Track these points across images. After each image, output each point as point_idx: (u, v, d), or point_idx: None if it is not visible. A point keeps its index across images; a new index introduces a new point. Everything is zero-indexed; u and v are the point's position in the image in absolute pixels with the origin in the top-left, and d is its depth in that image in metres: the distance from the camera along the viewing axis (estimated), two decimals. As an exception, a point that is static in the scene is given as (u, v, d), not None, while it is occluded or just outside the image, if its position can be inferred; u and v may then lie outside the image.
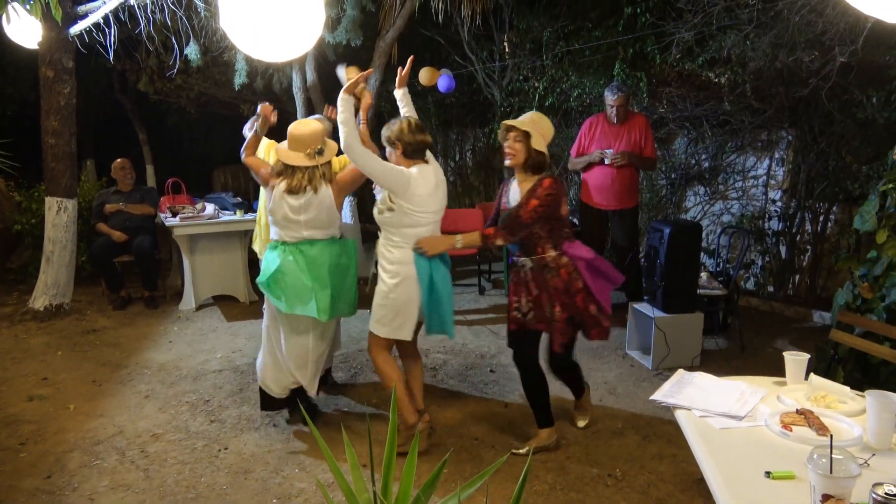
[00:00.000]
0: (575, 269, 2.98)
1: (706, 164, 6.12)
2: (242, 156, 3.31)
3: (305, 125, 3.14)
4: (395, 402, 1.45)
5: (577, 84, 6.23)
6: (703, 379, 2.08)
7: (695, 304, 4.26)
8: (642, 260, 4.47)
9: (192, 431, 3.39)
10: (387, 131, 3.01)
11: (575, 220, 5.76)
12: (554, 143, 7.17)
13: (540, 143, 2.90)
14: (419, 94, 8.65)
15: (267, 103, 3.45)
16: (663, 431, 3.34)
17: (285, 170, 3.12)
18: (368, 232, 7.83)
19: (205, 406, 3.70)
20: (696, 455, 1.66)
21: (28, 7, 3.02)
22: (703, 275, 4.58)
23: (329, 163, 3.18)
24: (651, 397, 1.99)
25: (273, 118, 3.44)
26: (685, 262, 4.16)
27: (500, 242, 2.97)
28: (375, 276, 3.19)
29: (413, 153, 2.97)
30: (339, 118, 2.86)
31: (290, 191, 3.08)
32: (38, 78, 5.33)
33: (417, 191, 2.90)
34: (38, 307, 5.33)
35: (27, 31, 4.89)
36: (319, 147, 3.09)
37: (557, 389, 3.45)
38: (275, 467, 3.03)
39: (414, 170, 2.94)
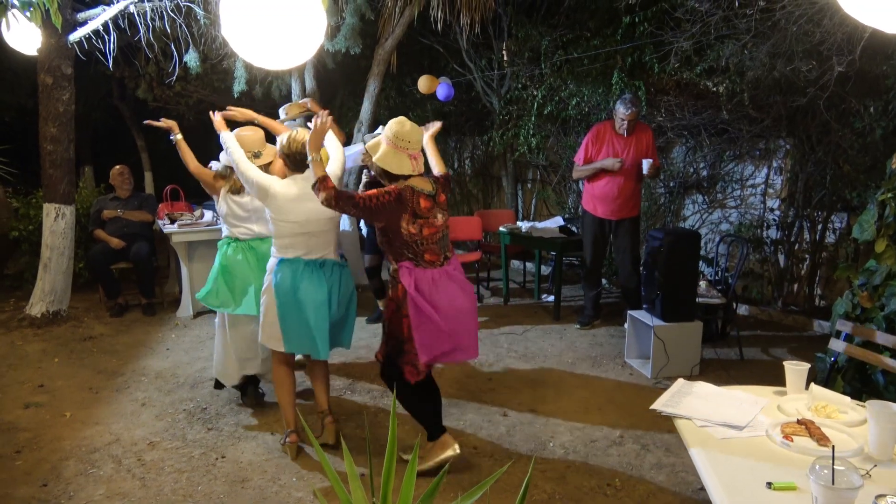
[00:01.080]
0: (405, 293, 2.81)
1: (704, 173, 6.14)
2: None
3: (246, 130, 3.43)
4: (393, 413, 1.44)
5: (575, 93, 6.24)
6: (703, 388, 2.07)
7: (694, 313, 4.26)
8: (641, 269, 4.46)
9: (189, 439, 3.37)
10: (277, 145, 3.20)
11: (574, 228, 5.75)
12: (553, 152, 7.24)
13: (381, 158, 2.78)
14: (418, 102, 8.68)
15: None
16: (662, 441, 3.33)
17: (228, 172, 3.52)
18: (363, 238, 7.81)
19: (202, 414, 3.68)
20: (696, 465, 1.65)
21: (28, 14, 3.02)
22: (702, 283, 4.58)
23: (269, 164, 3.41)
24: (651, 406, 1.98)
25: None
26: (684, 271, 4.16)
27: (323, 194, 2.72)
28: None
29: (293, 165, 3.11)
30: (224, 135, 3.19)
31: (232, 191, 3.52)
32: (37, 84, 5.33)
33: (277, 199, 3.03)
34: (34, 314, 5.31)
35: (26, 38, 4.88)
36: (257, 150, 3.40)
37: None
38: (272, 476, 3.01)
39: (275, 179, 3.10)
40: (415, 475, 1.33)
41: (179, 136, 3.57)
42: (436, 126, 3.26)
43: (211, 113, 3.39)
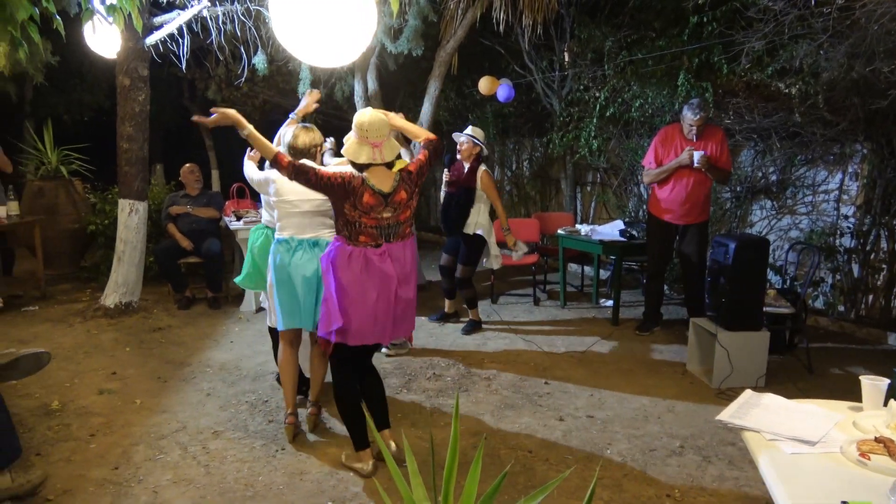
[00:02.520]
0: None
1: (774, 178, 5.91)
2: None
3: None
4: (456, 411, 1.44)
5: (639, 94, 6.12)
6: (772, 400, 1.99)
7: (760, 322, 4.11)
8: (707, 276, 4.33)
9: (250, 430, 3.47)
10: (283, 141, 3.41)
11: (634, 232, 5.64)
12: (614, 154, 7.12)
13: (345, 147, 2.89)
14: (477, 103, 8.69)
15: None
16: (725, 453, 3.23)
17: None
18: (421, 240, 7.89)
19: (263, 406, 3.78)
20: (765, 480, 1.60)
21: (111, 18, 3.17)
22: (770, 292, 4.42)
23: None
24: (717, 417, 1.92)
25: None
26: (751, 279, 4.02)
27: (283, 171, 2.84)
28: (424, 284, 3.29)
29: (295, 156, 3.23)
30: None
31: None
32: (114, 86, 5.59)
33: (276, 182, 3.24)
34: (108, 304, 5.56)
35: (107, 42, 5.15)
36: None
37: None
38: (330, 469, 3.07)
39: (273, 171, 3.21)
40: (478, 475, 1.33)
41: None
42: (396, 116, 3.23)
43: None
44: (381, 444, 1.56)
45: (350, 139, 2.91)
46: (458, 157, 5.07)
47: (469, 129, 5.03)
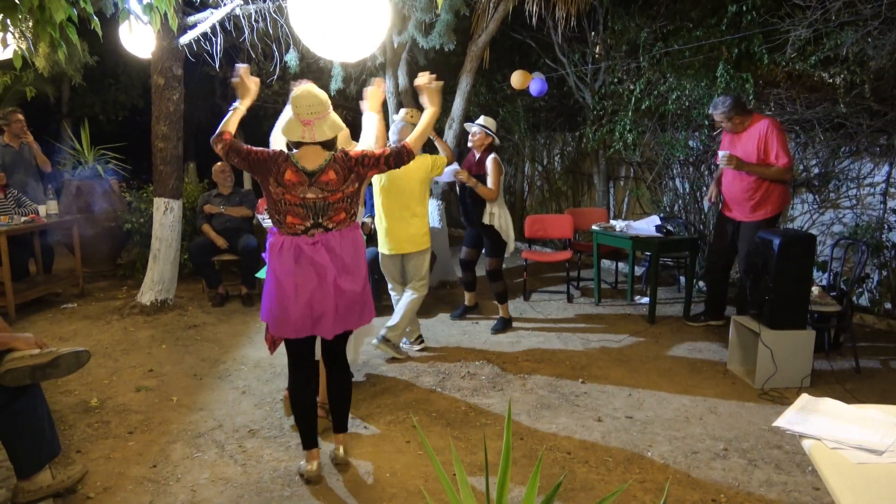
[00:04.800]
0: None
1: (816, 171, 5.73)
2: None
3: None
4: (509, 415, 1.39)
5: (675, 86, 5.98)
6: (831, 405, 1.90)
7: (805, 321, 3.98)
8: (749, 273, 4.20)
9: (285, 429, 3.46)
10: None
11: (670, 227, 5.51)
12: (648, 148, 6.98)
13: (284, 125, 2.82)
14: (508, 98, 8.60)
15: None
16: (771, 456, 3.13)
17: None
18: (452, 236, 7.85)
19: (298, 405, 3.77)
20: (831, 491, 1.51)
21: (148, 18, 3.17)
22: (815, 289, 4.27)
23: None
24: (774, 424, 1.83)
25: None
26: (796, 276, 3.89)
27: (218, 145, 2.82)
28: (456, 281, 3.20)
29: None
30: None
31: None
32: (148, 86, 5.64)
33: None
34: (144, 302, 5.63)
35: (141, 42, 5.19)
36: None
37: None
38: (366, 470, 3.04)
39: None
40: (537, 482, 1.27)
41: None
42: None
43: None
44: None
45: (287, 115, 2.86)
46: (470, 146, 5.00)
47: (482, 120, 4.94)
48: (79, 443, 3.31)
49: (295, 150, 2.78)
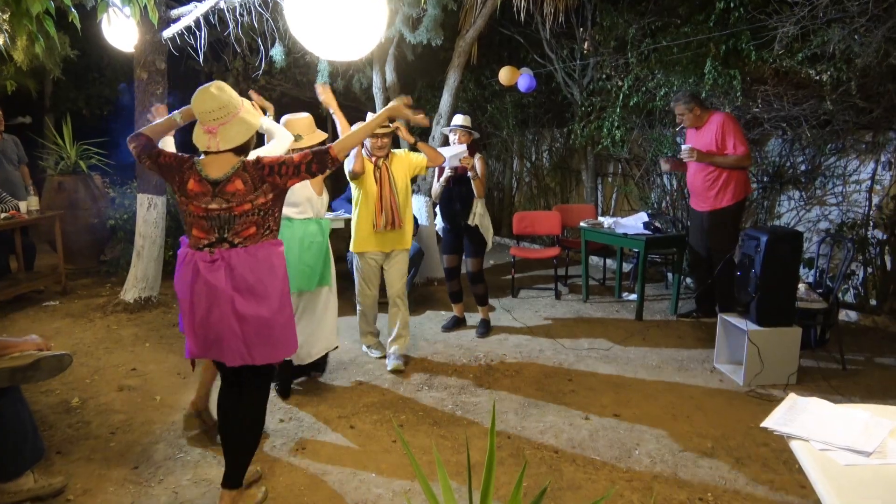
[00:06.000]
0: None
1: (802, 168, 5.75)
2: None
3: (299, 114, 3.77)
4: (493, 416, 1.36)
5: (663, 83, 5.97)
6: (818, 406, 1.89)
7: (792, 318, 3.99)
8: (737, 271, 4.20)
9: (271, 429, 3.42)
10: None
11: (658, 224, 5.50)
12: (636, 145, 6.98)
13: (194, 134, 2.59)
14: (496, 94, 8.57)
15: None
16: (758, 454, 3.13)
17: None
18: (438, 234, 7.78)
19: (283, 403, 3.73)
20: (819, 493, 1.50)
21: (127, 10, 3.11)
22: (802, 286, 4.28)
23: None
24: (762, 424, 1.82)
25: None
26: (783, 273, 3.89)
27: (132, 144, 2.67)
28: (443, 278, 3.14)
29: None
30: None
31: None
32: (132, 80, 5.55)
33: None
34: (128, 299, 5.55)
35: (124, 36, 5.10)
36: (298, 133, 3.63)
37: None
38: (351, 470, 3.01)
39: None
40: (520, 493, 1.25)
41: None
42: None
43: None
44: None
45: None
46: None
47: (460, 120, 4.79)
48: (59, 444, 3.25)
49: (202, 156, 2.51)
